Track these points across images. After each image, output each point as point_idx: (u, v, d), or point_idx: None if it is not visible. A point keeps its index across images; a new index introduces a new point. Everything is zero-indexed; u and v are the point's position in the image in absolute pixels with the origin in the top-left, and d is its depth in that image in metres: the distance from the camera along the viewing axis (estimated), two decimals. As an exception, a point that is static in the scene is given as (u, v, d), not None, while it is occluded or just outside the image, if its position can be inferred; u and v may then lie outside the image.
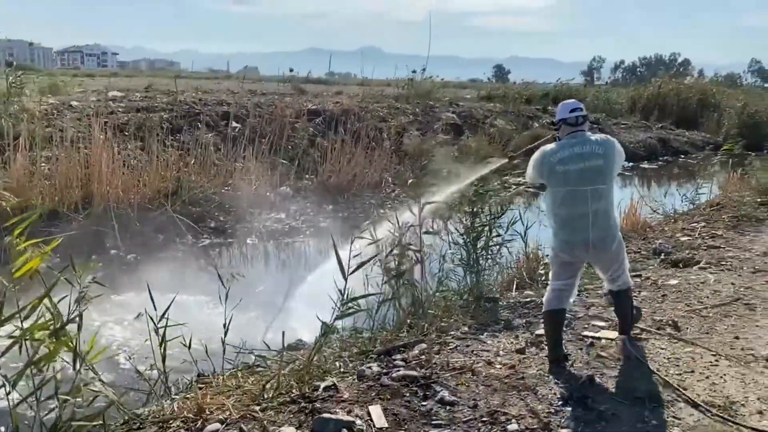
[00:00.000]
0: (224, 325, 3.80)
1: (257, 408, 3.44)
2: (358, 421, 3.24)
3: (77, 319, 3.10)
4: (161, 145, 10.64)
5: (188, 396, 3.70)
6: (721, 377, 3.87)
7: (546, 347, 4.24)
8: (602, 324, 4.75)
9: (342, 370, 4.00)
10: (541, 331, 4.62)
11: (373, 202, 11.80)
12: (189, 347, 3.72)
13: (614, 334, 4.50)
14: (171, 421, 3.36)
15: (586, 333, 4.56)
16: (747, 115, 22.23)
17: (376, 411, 3.36)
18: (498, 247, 6.44)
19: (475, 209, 5.82)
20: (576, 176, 3.99)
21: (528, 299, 5.66)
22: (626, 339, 4.38)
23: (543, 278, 6.10)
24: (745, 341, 4.43)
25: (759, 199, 9.23)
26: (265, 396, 3.57)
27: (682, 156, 20.35)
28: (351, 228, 9.99)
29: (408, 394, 3.56)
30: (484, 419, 3.35)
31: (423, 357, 4.06)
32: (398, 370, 3.80)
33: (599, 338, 4.46)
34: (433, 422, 3.31)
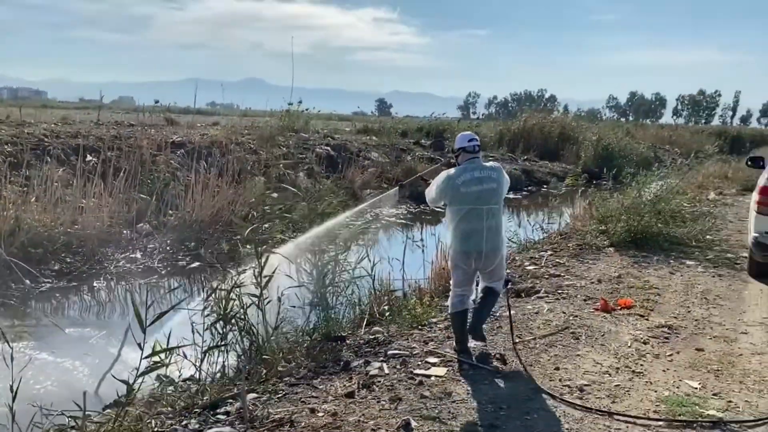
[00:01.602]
0: (11, 388, 3.41)
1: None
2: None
3: None
4: (-1, 181, 9.74)
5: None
6: (534, 413, 3.94)
7: (376, 387, 4.32)
8: (435, 360, 4.77)
9: (156, 429, 3.71)
10: (375, 371, 4.61)
11: (237, 238, 11.41)
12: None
13: (443, 371, 4.55)
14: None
15: (417, 371, 4.56)
16: (601, 147, 24.12)
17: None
18: (347, 283, 6.41)
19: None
20: (475, 196, 4.71)
21: (374, 336, 5.63)
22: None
23: (387, 314, 6.11)
24: (564, 372, 4.60)
25: (600, 228, 9.83)
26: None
27: (545, 186, 21.59)
28: (209, 267, 9.60)
29: (215, 454, 3.35)
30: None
31: (242, 410, 3.86)
32: (211, 428, 3.58)
33: (429, 376, 4.47)
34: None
